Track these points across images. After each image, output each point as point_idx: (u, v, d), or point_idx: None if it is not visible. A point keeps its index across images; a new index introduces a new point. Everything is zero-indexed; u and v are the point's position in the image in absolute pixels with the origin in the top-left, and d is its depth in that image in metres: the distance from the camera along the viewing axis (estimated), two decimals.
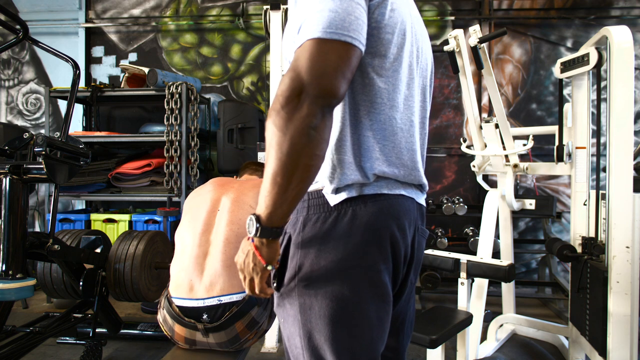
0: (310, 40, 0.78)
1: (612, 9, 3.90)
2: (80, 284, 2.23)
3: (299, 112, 0.76)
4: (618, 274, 1.89)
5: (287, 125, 0.76)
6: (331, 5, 0.79)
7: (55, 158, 2.00)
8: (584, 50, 2.22)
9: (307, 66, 0.77)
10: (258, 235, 0.82)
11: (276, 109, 0.77)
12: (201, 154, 3.77)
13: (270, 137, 0.78)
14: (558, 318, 3.20)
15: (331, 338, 0.89)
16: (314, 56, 0.77)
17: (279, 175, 0.77)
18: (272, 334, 2.64)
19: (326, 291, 0.88)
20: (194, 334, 1.50)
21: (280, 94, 0.77)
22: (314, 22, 0.79)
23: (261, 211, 0.81)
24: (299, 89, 0.76)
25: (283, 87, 0.77)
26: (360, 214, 0.89)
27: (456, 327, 1.78)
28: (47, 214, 3.70)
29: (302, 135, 0.76)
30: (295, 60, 0.79)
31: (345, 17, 0.79)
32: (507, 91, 4.01)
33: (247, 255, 0.87)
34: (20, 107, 4.47)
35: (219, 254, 1.52)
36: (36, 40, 2.25)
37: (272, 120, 0.78)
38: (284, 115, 0.76)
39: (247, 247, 0.88)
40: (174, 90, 3.40)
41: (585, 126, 2.32)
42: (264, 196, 0.80)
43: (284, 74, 0.80)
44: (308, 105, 0.76)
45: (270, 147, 0.78)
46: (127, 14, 4.36)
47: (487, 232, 2.49)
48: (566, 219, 3.76)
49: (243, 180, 1.87)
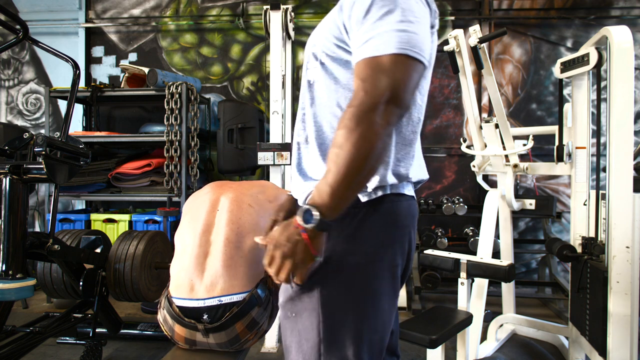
0: (401, 56, 0.85)
1: (612, 9, 3.90)
2: (80, 284, 2.23)
3: (383, 120, 0.82)
4: (618, 274, 1.89)
5: (369, 129, 0.81)
6: (415, 28, 0.88)
7: (55, 158, 2.00)
8: (584, 50, 2.22)
9: (398, 77, 0.84)
10: (316, 226, 0.83)
11: (362, 111, 0.82)
12: (201, 154, 3.77)
13: (348, 136, 0.82)
14: (558, 318, 3.20)
15: (354, 329, 0.93)
16: (405, 71, 0.85)
17: (351, 173, 0.81)
18: (272, 334, 2.64)
19: (353, 284, 0.94)
20: (194, 334, 1.50)
21: (370, 98, 0.83)
22: (403, 39, 0.85)
23: (323, 203, 0.83)
24: (387, 98, 0.83)
25: (374, 90, 0.83)
26: (388, 212, 0.97)
27: (456, 327, 1.78)
28: (47, 214, 3.71)
29: (380, 140, 0.82)
30: (384, 68, 0.84)
31: (424, 40, 0.89)
32: (507, 91, 4.01)
33: (295, 244, 0.86)
34: (20, 107, 4.47)
35: (220, 253, 1.52)
36: (36, 40, 2.25)
37: (354, 121, 0.82)
38: (368, 119, 0.81)
39: (293, 235, 0.86)
40: (174, 90, 3.40)
41: (585, 126, 2.32)
42: (327, 190, 0.83)
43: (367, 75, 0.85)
44: (391, 115, 0.83)
45: (345, 145, 0.81)
46: (127, 14, 4.36)
47: (487, 232, 2.49)
48: (566, 219, 3.76)
49: (239, 181, 1.88)
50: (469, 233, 3.54)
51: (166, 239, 2.59)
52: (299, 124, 1.08)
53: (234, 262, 1.51)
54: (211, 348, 1.55)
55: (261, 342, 2.64)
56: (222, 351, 1.57)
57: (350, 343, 0.93)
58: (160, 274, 2.50)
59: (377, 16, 0.88)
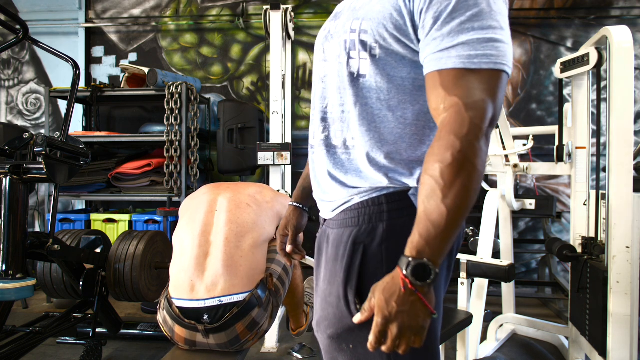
0: (500, 72, 0.74)
1: (612, 9, 3.90)
2: (80, 284, 2.23)
3: (486, 146, 0.72)
4: (618, 274, 1.89)
5: (479, 159, 0.70)
6: (506, 37, 0.76)
7: (55, 158, 2.00)
8: (584, 50, 2.22)
9: (499, 99, 0.74)
10: (431, 281, 0.69)
11: (471, 141, 0.70)
12: (201, 154, 3.77)
13: (459, 171, 0.69)
14: (558, 318, 3.20)
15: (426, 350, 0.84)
16: (501, 90, 0.74)
17: (463, 214, 0.70)
18: (272, 334, 2.64)
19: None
20: (194, 335, 1.49)
21: (479, 124, 0.71)
22: (502, 51, 0.74)
23: (434, 253, 0.70)
24: (489, 121, 0.72)
25: (482, 114, 0.71)
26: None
27: (456, 327, 1.78)
28: (47, 214, 3.70)
29: (482, 170, 0.72)
30: (488, 88, 0.73)
31: (511, 50, 0.78)
32: (507, 91, 4.01)
33: (411, 307, 0.70)
34: (20, 107, 4.47)
35: (220, 253, 1.52)
36: (36, 40, 2.25)
37: (464, 153, 0.70)
38: (478, 149, 0.70)
39: (407, 297, 0.70)
40: (174, 90, 3.40)
41: (585, 126, 2.32)
42: (437, 235, 0.70)
43: (466, 92, 0.72)
44: (489, 140, 0.73)
45: (456, 183, 0.69)
46: (127, 14, 4.36)
47: (487, 232, 2.49)
48: (566, 219, 3.76)
49: (237, 182, 1.91)
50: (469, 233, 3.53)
51: (166, 239, 2.59)
52: (337, 124, 0.91)
53: (234, 262, 1.51)
54: (211, 349, 1.55)
55: (261, 342, 2.64)
56: (222, 351, 1.57)
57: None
58: (160, 274, 2.50)
59: (466, 17, 0.74)
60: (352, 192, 0.89)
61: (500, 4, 0.77)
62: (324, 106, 0.94)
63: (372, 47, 0.84)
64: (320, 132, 0.94)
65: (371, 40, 0.84)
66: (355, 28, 0.86)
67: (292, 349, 2.56)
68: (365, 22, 0.85)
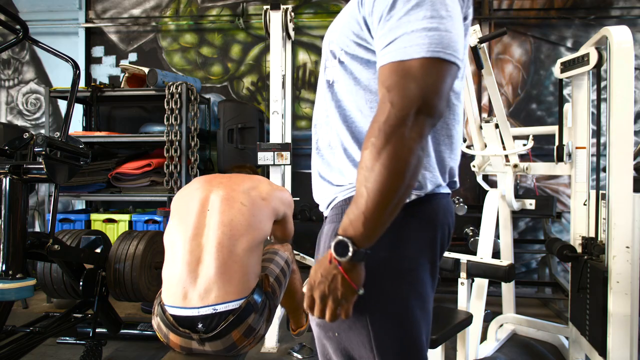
0: (433, 60, 0.75)
1: (612, 9, 3.90)
2: (80, 284, 2.23)
3: (414, 133, 0.74)
4: (618, 274, 1.89)
5: (400, 146, 0.73)
6: (447, 25, 0.77)
7: (55, 158, 2.00)
8: (584, 50, 2.22)
9: (429, 84, 0.75)
10: (353, 258, 0.76)
11: (390, 126, 0.74)
12: (201, 154, 3.77)
13: (377, 156, 0.74)
14: (558, 318, 3.20)
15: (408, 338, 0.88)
16: (437, 76, 0.76)
17: (384, 197, 0.74)
18: (272, 334, 2.64)
19: (401, 291, 0.88)
20: (190, 342, 1.45)
21: (398, 111, 0.74)
22: (434, 39, 0.75)
23: (356, 233, 0.76)
24: (417, 109, 0.74)
25: (402, 102, 0.74)
26: (426, 213, 0.92)
27: (456, 327, 1.78)
28: (47, 214, 3.71)
29: (414, 156, 0.74)
30: (413, 75, 0.75)
31: (457, 38, 0.78)
32: (507, 91, 4.01)
33: (332, 279, 0.79)
34: (20, 107, 4.47)
35: (212, 260, 1.45)
36: (36, 40, 2.25)
37: (382, 138, 0.74)
38: (398, 135, 0.73)
39: (331, 271, 0.79)
40: (174, 90, 3.40)
41: (585, 126, 2.32)
42: (360, 218, 0.75)
43: (393, 83, 0.76)
44: (423, 127, 0.75)
45: (375, 166, 0.74)
46: (127, 14, 4.36)
47: (487, 232, 2.49)
48: (566, 219, 3.76)
49: (231, 175, 1.77)
50: (469, 233, 3.53)
51: None
52: (323, 127, 0.99)
53: (228, 268, 1.45)
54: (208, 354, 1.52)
55: (261, 342, 2.63)
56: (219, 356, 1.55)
57: (406, 354, 0.88)
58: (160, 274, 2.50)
59: (403, 11, 0.77)
60: (336, 190, 0.97)
61: None
62: (316, 114, 1.03)
63: (339, 55, 0.92)
64: (314, 137, 1.04)
65: (337, 48, 0.92)
66: (330, 39, 0.96)
67: (292, 349, 2.56)
68: (333, 34, 0.95)
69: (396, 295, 0.87)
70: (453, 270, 2.01)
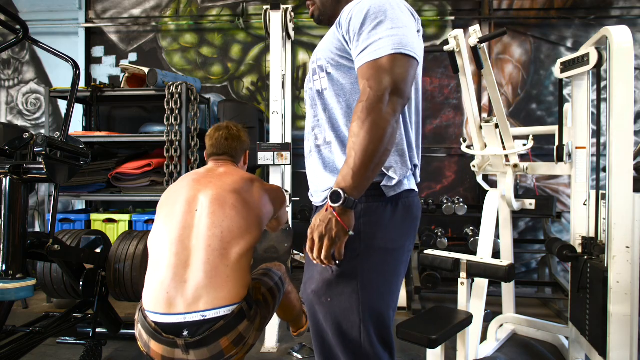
0: (397, 55, 1.01)
1: (612, 9, 3.90)
2: (80, 284, 2.23)
3: (389, 108, 0.98)
4: (618, 274, 1.89)
5: (379, 117, 0.96)
6: (405, 32, 1.04)
7: (55, 158, 2.00)
8: (584, 50, 2.22)
9: (397, 73, 1.00)
10: (344, 204, 0.96)
11: (370, 103, 0.97)
12: (201, 154, 3.76)
13: (362, 125, 0.96)
14: (558, 318, 3.20)
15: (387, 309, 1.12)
16: (402, 67, 1.01)
17: (368, 156, 0.96)
18: (272, 334, 2.63)
19: (386, 267, 1.11)
20: (172, 351, 1.35)
21: (375, 93, 0.98)
22: (396, 41, 1.01)
23: (347, 185, 0.97)
24: (390, 91, 0.99)
25: (378, 86, 0.99)
26: (407, 206, 1.15)
27: (456, 327, 1.78)
28: (47, 214, 3.70)
29: (389, 126, 0.97)
30: (384, 67, 1.00)
31: (414, 40, 1.05)
32: (507, 91, 4.01)
33: (328, 222, 0.99)
34: (20, 107, 4.47)
35: (202, 264, 1.35)
36: (36, 40, 2.25)
37: (365, 112, 0.97)
38: (377, 109, 0.97)
39: (327, 215, 0.99)
40: (174, 90, 3.40)
41: (585, 126, 2.32)
42: (349, 173, 0.97)
43: (371, 75, 1.00)
44: (395, 104, 0.99)
45: (360, 133, 0.96)
46: (127, 14, 4.36)
47: (487, 232, 2.49)
48: (566, 219, 3.76)
49: (221, 173, 1.63)
50: (469, 233, 3.54)
51: None
52: (315, 130, 1.21)
53: (219, 273, 1.36)
54: None
55: (261, 341, 2.63)
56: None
57: (383, 321, 1.10)
58: None
59: (371, 27, 1.04)
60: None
61: (397, 11, 1.05)
62: (311, 116, 1.24)
63: (327, 67, 1.16)
64: (313, 137, 1.23)
65: (325, 63, 1.17)
66: (317, 57, 1.20)
67: (292, 349, 2.56)
68: (320, 52, 1.19)
69: (383, 270, 1.11)
70: (453, 270, 2.01)
